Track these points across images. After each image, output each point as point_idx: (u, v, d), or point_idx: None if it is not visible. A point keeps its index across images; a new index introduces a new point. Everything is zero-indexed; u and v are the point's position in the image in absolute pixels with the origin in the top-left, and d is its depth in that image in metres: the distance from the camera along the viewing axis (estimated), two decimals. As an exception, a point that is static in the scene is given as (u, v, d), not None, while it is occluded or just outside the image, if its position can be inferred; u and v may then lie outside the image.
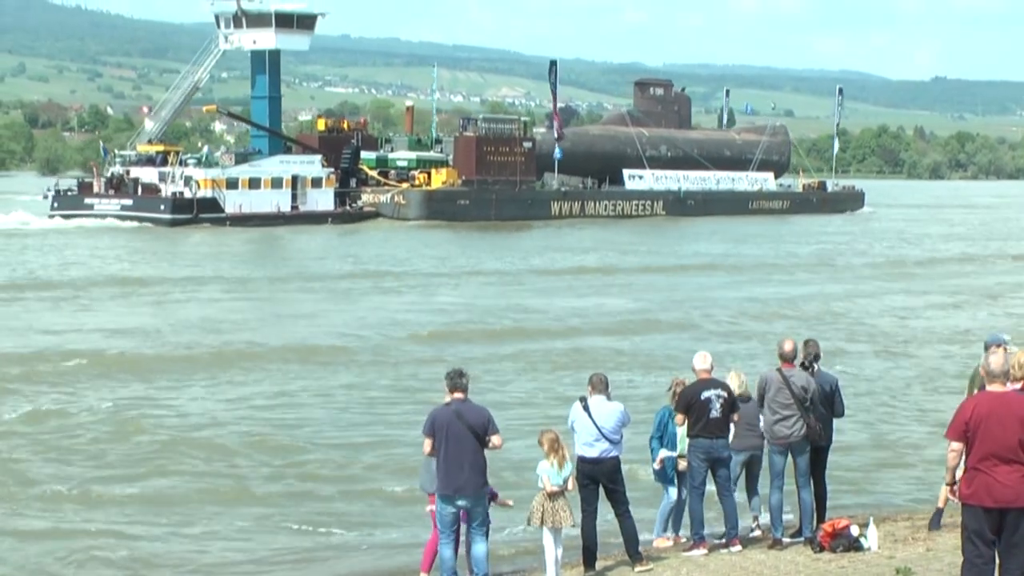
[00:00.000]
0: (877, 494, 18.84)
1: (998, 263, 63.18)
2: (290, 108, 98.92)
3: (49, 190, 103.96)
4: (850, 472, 19.45)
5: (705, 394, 14.11)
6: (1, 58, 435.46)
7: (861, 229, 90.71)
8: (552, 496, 13.15)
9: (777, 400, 14.46)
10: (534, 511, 13.25)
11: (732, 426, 14.52)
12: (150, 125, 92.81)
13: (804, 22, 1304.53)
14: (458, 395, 12.78)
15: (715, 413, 14.06)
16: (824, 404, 14.74)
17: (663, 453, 14.75)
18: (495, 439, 12.76)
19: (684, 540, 14.90)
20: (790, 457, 14.67)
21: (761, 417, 15.00)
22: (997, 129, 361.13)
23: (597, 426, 13.47)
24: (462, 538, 13.16)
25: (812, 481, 14.93)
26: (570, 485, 13.32)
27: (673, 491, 15.09)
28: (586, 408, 13.54)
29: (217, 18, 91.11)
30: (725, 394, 14.22)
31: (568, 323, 37.59)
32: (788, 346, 14.77)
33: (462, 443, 12.54)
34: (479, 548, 12.94)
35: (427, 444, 12.79)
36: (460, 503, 12.72)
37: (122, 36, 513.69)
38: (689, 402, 14.15)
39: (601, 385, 13.73)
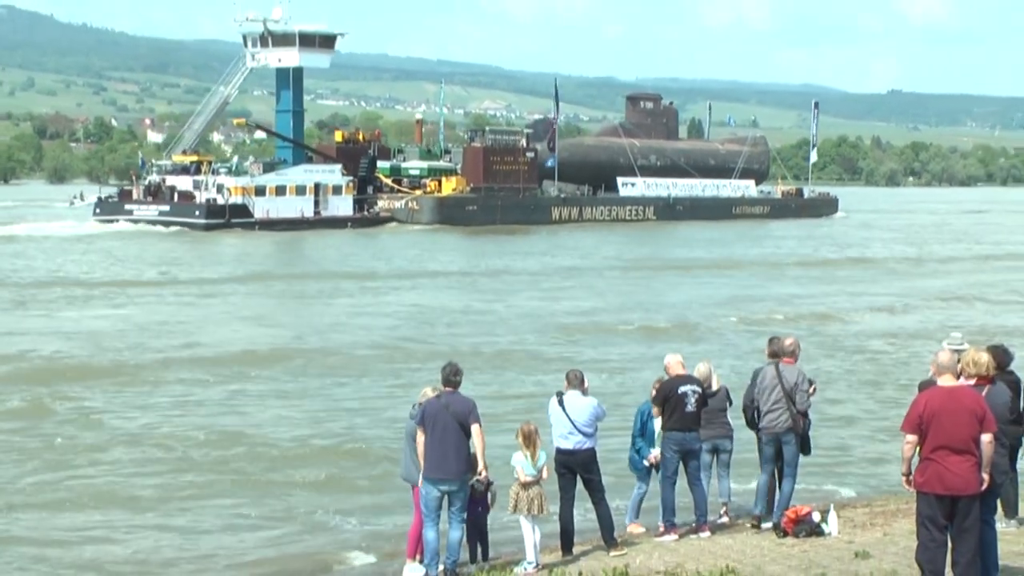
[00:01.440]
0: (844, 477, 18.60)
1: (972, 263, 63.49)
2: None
3: (75, 197, 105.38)
4: (812, 461, 19.46)
5: (682, 389, 13.89)
6: (12, 73, 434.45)
7: (859, 233, 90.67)
8: (526, 486, 13.02)
9: (768, 392, 14.28)
10: (511, 500, 13.22)
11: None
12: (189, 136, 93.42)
13: (769, 38, 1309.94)
14: (448, 388, 12.77)
15: (690, 407, 13.87)
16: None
17: (654, 453, 14.50)
18: (474, 428, 12.63)
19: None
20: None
21: (729, 407, 14.95)
22: (949, 139, 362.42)
23: (571, 420, 13.32)
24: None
25: (765, 469, 14.61)
26: (544, 474, 13.15)
27: (643, 483, 14.97)
28: (561, 403, 13.42)
29: (244, 38, 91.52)
30: (700, 390, 14.04)
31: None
32: (787, 342, 14.57)
33: (448, 432, 12.47)
34: (454, 534, 12.81)
35: (419, 433, 12.70)
36: (444, 487, 12.58)
37: (126, 52, 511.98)
38: (667, 396, 13.94)
39: (576, 381, 13.56)
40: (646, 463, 14.65)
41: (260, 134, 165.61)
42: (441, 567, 12.81)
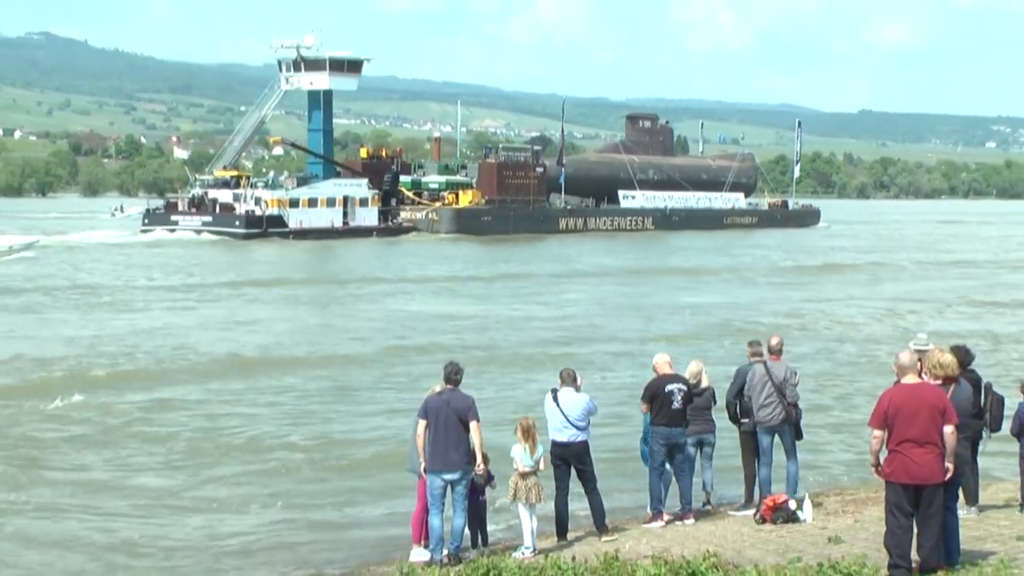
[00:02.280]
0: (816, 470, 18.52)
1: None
2: (301, 138, 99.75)
3: (116, 209, 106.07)
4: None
5: (669, 387, 13.83)
6: (49, 94, 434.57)
7: (846, 241, 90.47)
8: (524, 476, 12.95)
9: (760, 389, 14.26)
10: (510, 489, 13.18)
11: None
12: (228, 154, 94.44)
13: (750, 61, 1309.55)
14: (450, 386, 12.76)
15: (676, 404, 13.79)
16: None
17: None
18: (473, 425, 12.60)
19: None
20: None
21: (714, 405, 14.86)
22: (915, 155, 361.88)
23: (564, 415, 13.27)
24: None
25: (764, 461, 14.62)
26: (541, 466, 13.06)
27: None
28: (556, 399, 13.36)
29: (279, 63, 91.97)
30: (685, 388, 13.95)
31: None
32: (774, 341, 14.66)
33: (449, 426, 12.47)
34: (457, 521, 12.73)
35: (420, 425, 12.63)
36: (447, 477, 12.55)
37: (154, 75, 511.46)
38: (654, 393, 13.88)
39: (569, 378, 13.48)
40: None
41: (278, 150, 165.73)
42: (445, 552, 12.73)
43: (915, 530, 10.53)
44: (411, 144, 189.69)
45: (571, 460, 13.43)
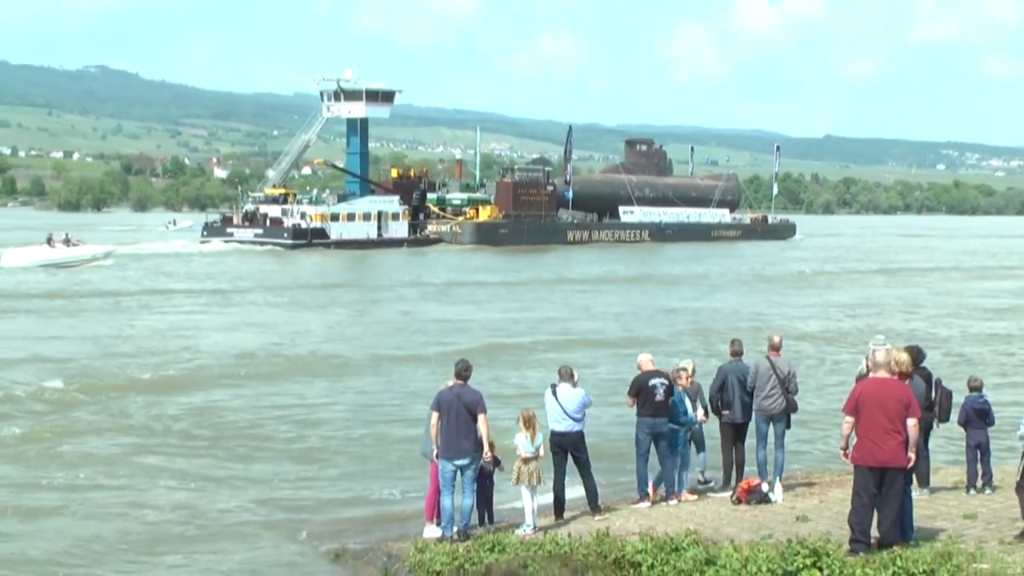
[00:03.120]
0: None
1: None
2: (332, 159, 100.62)
3: (170, 223, 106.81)
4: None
5: (652, 382, 13.72)
6: (104, 121, 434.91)
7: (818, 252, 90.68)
8: (526, 461, 12.89)
9: (765, 381, 14.11)
10: (514, 473, 13.12)
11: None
12: (271, 174, 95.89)
13: (727, 91, 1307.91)
14: (459, 381, 12.77)
15: (659, 397, 13.69)
16: (744, 389, 14.24)
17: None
18: (481, 417, 12.55)
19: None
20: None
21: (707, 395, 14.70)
22: (874, 176, 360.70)
23: (562, 408, 13.21)
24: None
25: (760, 445, 14.45)
26: (541, 452, 12.98)
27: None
28: (555, 393, 13.30)
29: (322, 94, 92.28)
30: (667, 382, 13.85)
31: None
32: (776, 339, 14.53)
33: (460, 418, 12.47)
34: (467, 502, 12.68)
35: (434, 417, 12.59)
36: (458, 462, 12.54)
37: (196, 103, 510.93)
38: (639, 388, 13.80)
39: (567, 374, 13.41)
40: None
41: (307, 169, 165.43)
42: (455, 529, 12.68)
43: (876, 511, 10.52)
44: (425, 165, 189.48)
45: (568, 448, 13.36)
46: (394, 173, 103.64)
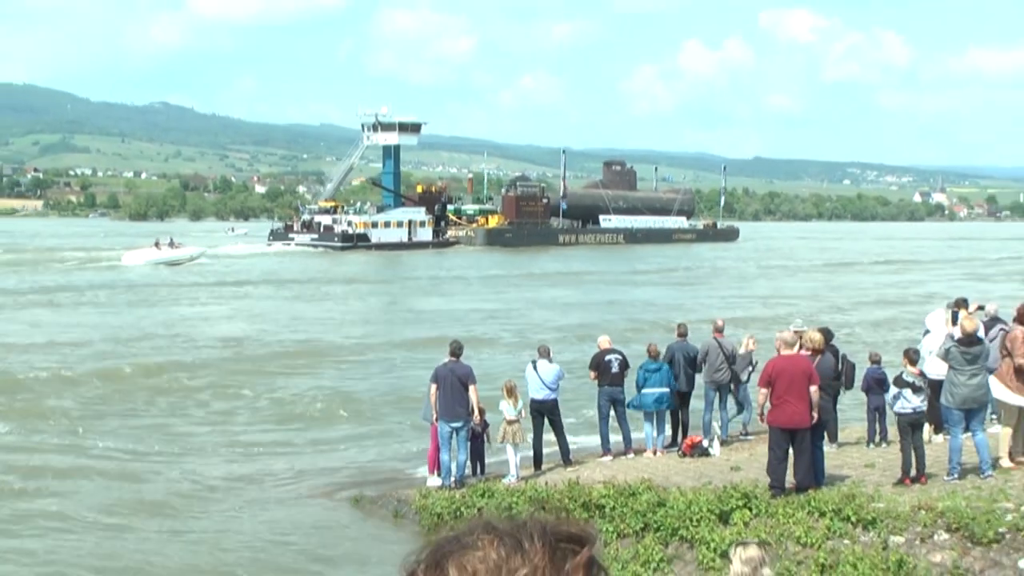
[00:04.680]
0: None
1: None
2: (369, 178, 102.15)
3: (230, 230, 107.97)
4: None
5: (608, 357, 13.61)
6: (165, 147, 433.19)
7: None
8: (510, 423, 12.91)
9: (715, 357, 14.00)
10: (500, 432, 13.20)
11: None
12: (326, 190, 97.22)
13: (674, 119, 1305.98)
14: (454, 358, 12.78)
15: (615, 369, 13.52)
16: (689, 364, 14.20)
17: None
18: (472, 388, 12.55)
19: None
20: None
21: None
22: (793, 189, 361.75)
23: (541, 380, 13.17)
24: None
25: (707, 409, 14.20)
26: (523, 414, 13.10)
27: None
28: (535, 367, 13.30)
29: (363, 125, 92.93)
30: (621, 357, 13.74)
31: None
32: (719, 322, 14.50)
33: (454, 388, 12.50)
34: (461, 456, 12.66)
35: (432, 387, 12.58)
36: (453, 425, 12.59)
37: (240, 131, 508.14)
38: (598, 364, 13.69)
39: (545, 351, 13.39)
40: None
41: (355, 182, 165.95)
42: (452, 479, 12.67)
43: (792, 461, 10.56)
44: (430, 182, 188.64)
45: (545, 413, 13.31)
46: (419, 189, 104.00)
